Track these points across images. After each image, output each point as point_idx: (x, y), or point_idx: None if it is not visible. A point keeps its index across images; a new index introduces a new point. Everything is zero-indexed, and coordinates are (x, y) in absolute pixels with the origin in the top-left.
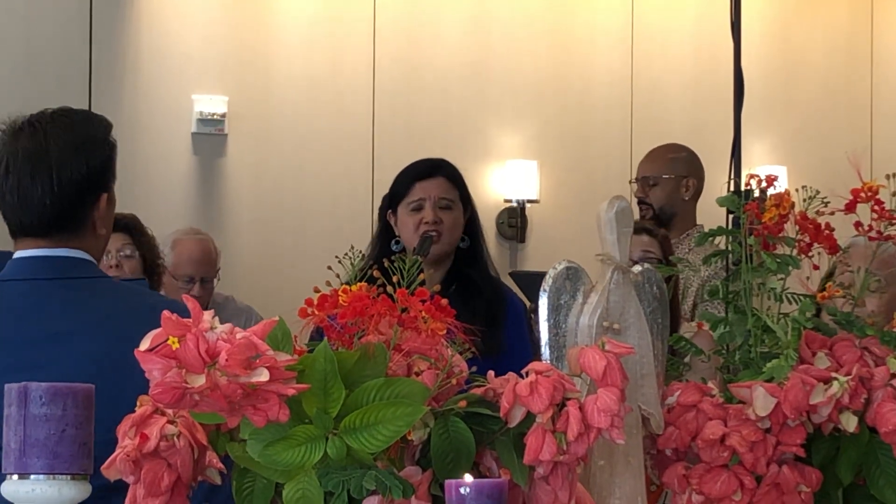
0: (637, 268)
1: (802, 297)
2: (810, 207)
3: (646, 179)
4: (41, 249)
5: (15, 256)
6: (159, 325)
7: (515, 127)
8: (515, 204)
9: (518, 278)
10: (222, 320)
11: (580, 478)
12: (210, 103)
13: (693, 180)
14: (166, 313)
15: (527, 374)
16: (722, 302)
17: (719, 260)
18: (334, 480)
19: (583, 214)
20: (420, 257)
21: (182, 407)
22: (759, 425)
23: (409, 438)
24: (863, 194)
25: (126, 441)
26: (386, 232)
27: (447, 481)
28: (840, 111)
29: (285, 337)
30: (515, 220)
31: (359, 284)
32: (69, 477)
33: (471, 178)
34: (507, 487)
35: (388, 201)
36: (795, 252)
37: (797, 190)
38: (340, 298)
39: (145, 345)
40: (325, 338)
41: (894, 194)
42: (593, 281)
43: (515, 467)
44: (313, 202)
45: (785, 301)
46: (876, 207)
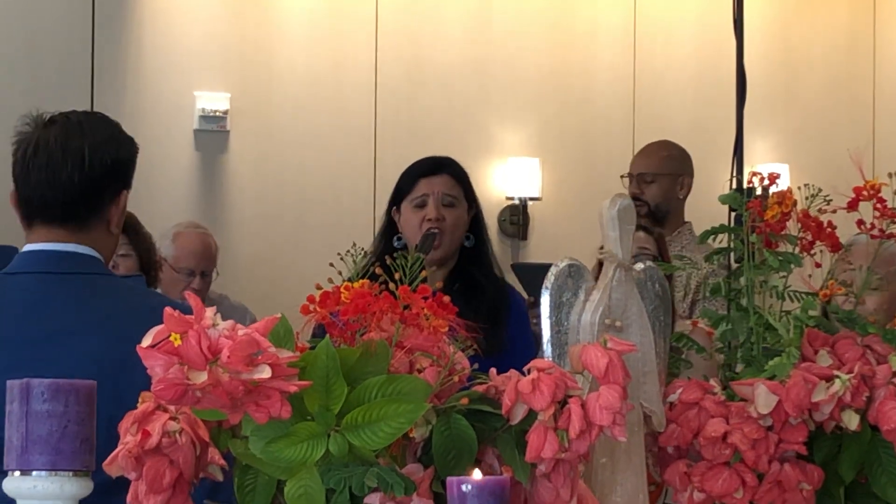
0: (639, 265)
1: (804, 295)
2: (812, 205)
3: (642, 176)
4: (52, 243)
5: (24, 250)
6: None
7: (517, 124)
8: (517, 201)
9: (520, 271)
10: None
11: (582, 475)
12: (212, 100)
13: (688, 178)
14: (168, 310)
15: (529, 372)
16: (724, 299)
17: (720, 257)
18: (336, 477)
19: (585, 212)
20: (422, 255)
21: (184, 403)
22: (761, 423)
23: (411, 436)
24: (865, 192)
25: (128, 437)
26: (389, 228)
27: (449, 479)
28: (842, 109)
29: (287, 334)
30: (517, 218)
31: (361, 281)
32: (71, 473)
33: (473, 176)
34: (509, 485)
35: (393, 198)
36: (797, 250)
37: (799, 188)
38: (342, 295)
39: (147, 341)
40: (327, 335)
41: None
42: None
43: (517, 465)
44: (315, 199)
45: (787, 299)
46: (878, 205)
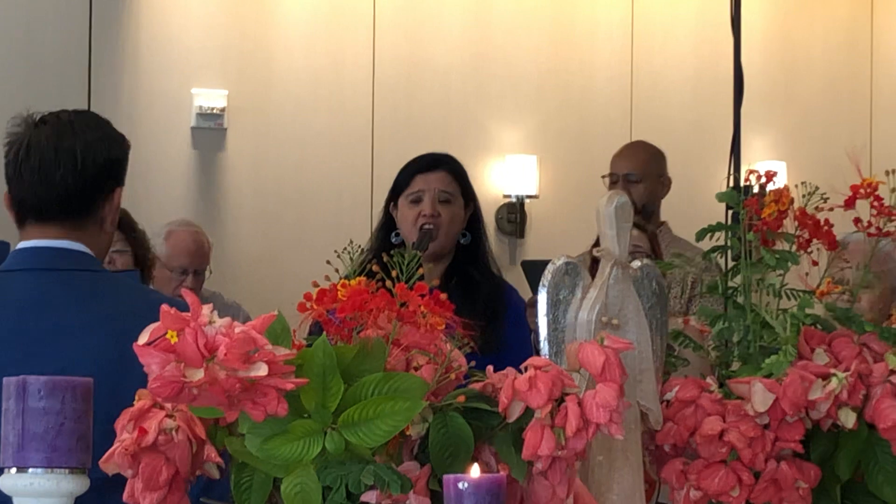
0: (636, 263)
1: (801, 293)
2: (809, 203)
3: (628, 176)
4: (46, 240)
5: (19, 247)
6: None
7: (515, 122)
8: (515, 199)
9: (528, 268)
10: None
11: (578, 473)
12: (209, 97)
13: (668, 178)
14: (165, 307)
15: (525, 370)
16: (720, 298)
17: (716, 256)
18: (333, 475)
19: (582, 209)
20: (419, 252)
21: (180, 401)
22: (758, 421)
23: (408, 433)
24: (862, 190)
25: (124, 435)
26: (387, 224)
27: (446, 476)
28: (840, 107)
29: (284, 331)
30: (515, 216)
31: (358, 279)
32: (67, 470)
33: (470, 173)
34: (506, 483)
35: (391, 193)
36: (794, 248)
37: (796, 186)
38: (339, 293)
39: (144, 339)
40: (324, 332)
41: (893, 190)
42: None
43: (514, 462)
44: (313, 196)
45: (784, 297)
46: (875, 203)
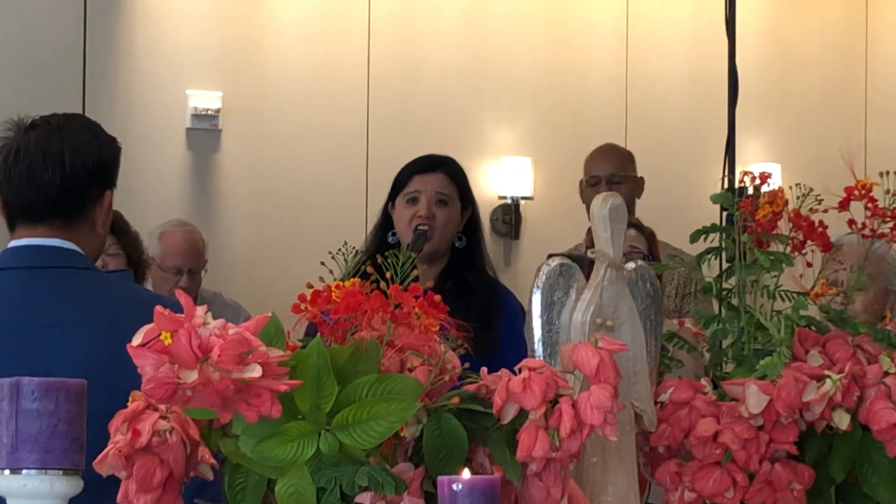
0: (630, 265)
1: (795, 295)
2: (804, 205)
3: (611, 178)
4: (37, 239)
5: (9, 246)
6: (151, 321)
7: (510, 123)
8: (509, 200)
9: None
10: None
11: (573, 474)
12: (204, 99)
13: (642, 178)
14: (159, 308)
15: (520, 371)
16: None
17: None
18: (327, 476)
19: (577, 211)
20: (413, 253)
21: (174, 402)
22: (752, 423)
23: (402, 435)
24: (856, 192)
25: (118, 436)
26: (384, 223)
27: (440, 478)
28: (835, 109)
29: (278, 333)
30: (509, 217)
31: (352, 280)
32: (61, 472)
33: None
34: (500, 484)
35: (390, 192)
36: (789, 249)
37: (791, 187)
38: (333, 294)
39: (137, 340)
40: (318, 333)
41: (888, 192)
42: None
43: (508, 464)
44: (308, 198)
45: (778, 298)
46: (869, 205)
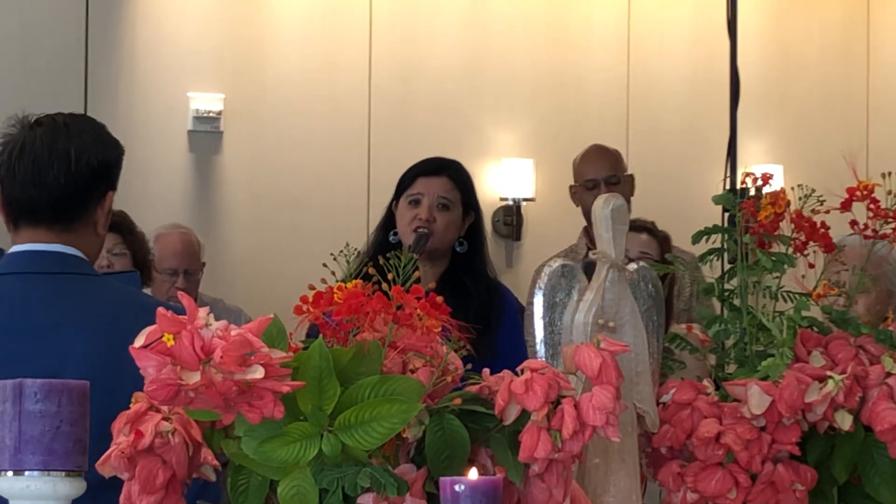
0: (632, 266)
1: (798, 296)
2: (806, 206)
3: (609, 179)
4: (39, 244)
5: (11, 251)
6: (152, 323)
7: (511, 125)
8: (511, 202)
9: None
10: None
11: (575, 476)
12: (206, 101)
13: (633, 176)
14: (161, 310)
15: (522, 372)
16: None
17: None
18: (329, 478)
19: (578, 213)
20: (415, 255)
21: (177, 404)
22: (754, 423)
23: (404, 436)
24: (858, 193)
25: (121, 438)
26: (388, 222)
27: (442, 479)
28: (836, 110)
29: (280, 334)
30: (511, 219)
31: (354, 281)
32: (64, 473)
33: None
34: (502, 485)
35: (395, 191)
36: (791, 250)
37: (793, 188)
38: (335, 296)
39: (140, 341)
40: (321, 335)
41: (890, 193)
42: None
43: (510, 465)
44: (309, 199)
45: (780, 299)
46: (871, 206)
